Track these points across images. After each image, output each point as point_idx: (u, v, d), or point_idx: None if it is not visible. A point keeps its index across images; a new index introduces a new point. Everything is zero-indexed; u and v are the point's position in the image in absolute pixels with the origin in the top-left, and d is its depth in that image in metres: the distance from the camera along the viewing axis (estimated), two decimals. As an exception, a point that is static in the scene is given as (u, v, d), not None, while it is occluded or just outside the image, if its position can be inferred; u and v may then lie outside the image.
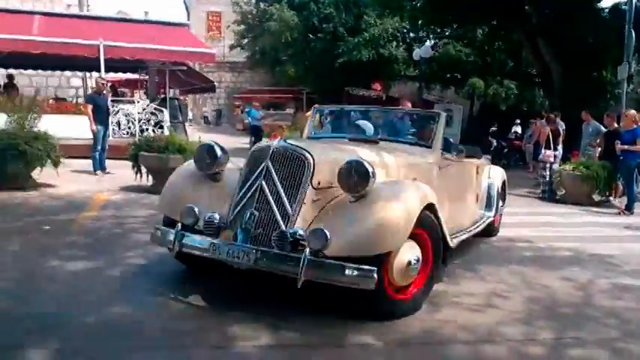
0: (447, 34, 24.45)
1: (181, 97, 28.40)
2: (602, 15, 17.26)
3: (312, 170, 3.67)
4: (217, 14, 34.37)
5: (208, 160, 4.17)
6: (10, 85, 15.08)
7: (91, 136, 10.13)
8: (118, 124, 13.02)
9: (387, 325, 3.60)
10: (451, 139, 7.07)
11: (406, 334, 3.52)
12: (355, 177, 3.57)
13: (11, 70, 16.27)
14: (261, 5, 26.96)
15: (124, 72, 18.94)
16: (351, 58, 23.57)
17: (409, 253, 3.68)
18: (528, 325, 3.79)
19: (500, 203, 6.63)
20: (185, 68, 16.79)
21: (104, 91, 11.01)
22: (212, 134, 19.51)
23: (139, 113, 13.29)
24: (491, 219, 6.22)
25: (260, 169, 3.77)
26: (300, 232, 3.47)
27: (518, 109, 24.11)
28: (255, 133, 17.92)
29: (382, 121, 5.82)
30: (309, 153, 3.74)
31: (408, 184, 4.01)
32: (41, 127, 8.33)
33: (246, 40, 28.94)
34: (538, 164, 11.56)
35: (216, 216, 3.75)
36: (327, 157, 3.84)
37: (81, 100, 17.14)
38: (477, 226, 5.69)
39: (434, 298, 4.18)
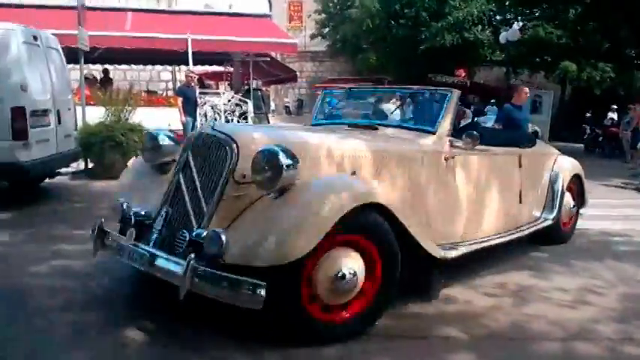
0: (536, 15, 23.25)
1: (264, 88, 29.02)
2: None
3: (234, 160, 3.11)
4: (298, 3, 34.68)
5: (152, 149, 3.78)
6: (106, 79, 16.00)
7: (181, 127, 10.58)
8: (205, 115, 13.49)
9: (472, 319, 3.53)
10: (492, 125, 6.61)
11: (492, 328, 3.44)
12: (267, 170, 2.96)
13: (107, 66, 17.26)
14: (342, -7, 26.96)
15: (210, 64, 19.58)
16: (434, 44, 23.00)
17: (341, 263, 3.02)
18: (624, 324, 3.59)
19: (571, 203, 5.65)
20: (268, 59, 17.11)
21: (192, 84, 11.45)
22: (293, 124, 19.82)
23: (224, 104, 13.70)
24: (549, 222, 5.21)
25: (181, 160, 3.37)
26: (204, 233, 2.94)
27: (614, 94, 22.60)
28: (336, 122, 17.97)
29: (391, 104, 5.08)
30: (233, 140, 3.17)
31: (342, 179, 3.31)
32: (135, 119, 8.81)
33: (327, 29, 29.03)
34: (637, 153, 10.79)
35: (142, 212, 3.36)
36: (257, 145, 3.12)
37: (170, 93, 17.92)
38: (519, 232, 4.81)
39: (521, 292, 4.05)
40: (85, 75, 11.02)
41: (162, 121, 11.47)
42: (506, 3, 20.28)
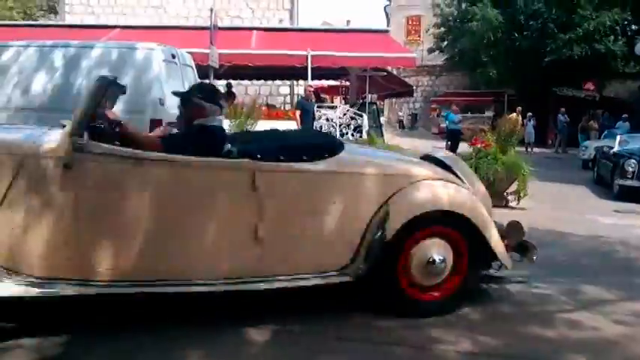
0: (677, 23, 21.37)
1: (378, 102, 29.16)
2: None
3: None
4: (417, 18, 34.54)
5: None
6: (229, 93, 16.93)
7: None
8: (320, 128, 13.83)
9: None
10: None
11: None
12: None
13: (230, 80, 18.27)
14: (463, 5, 26.41)
15: (327, 79, 20.06)
16: (560, 56, 21.88)
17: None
18: None
19: (438, 257, 3.55)
20: (385, 73, 17.20)
21: (311, 98, 11.81)
22: (406, 138, 19.73)
23: (339, 118, 13.96)
24: (344, 278, 3.41)
25: None
26: None
27: None
28: (453, 137, 17.61)
29: None
30: None
31: None
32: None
33: (445, 43, 28.62)
34: None
35: None
36: None
37: (288, 107, 18.57)
38: (267, 281, 3.33)
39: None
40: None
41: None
42: (644, 11, 18.80)
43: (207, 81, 9.02)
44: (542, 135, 23.41)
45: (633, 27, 22.64)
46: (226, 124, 9.38)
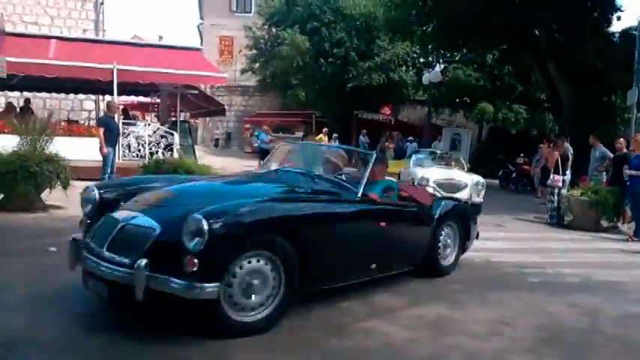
0: (456, 58, 24.61)
1: (191, 120, 28.68)
2: (612, 40, 17.30)
3: None
4: (230, 39, 34.79)
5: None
6: (26, 108, 15.34)
7: (101, 158, 10.24)
8: (129, 146, 13.16)
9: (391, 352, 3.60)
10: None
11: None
12: None
13: (26, 93, 16.57)
14: (273, 30, 27.33)
15: (137, 95, 19.21)
16: (361, 82, 23.76)
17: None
18: (535, 354, 3.76)
19: None
20: (197, 92, 17.00)
21: (115, 114, 11.16)
22: (221, 157, 19.71)
23: (149, 136, 13.44)
24: None
25: None
26: None
27: (527, 134, 24.09)
28: (264, 156, 18.03)
29: None
30: None
31: None
32: (53, 149, 8.44)
33: (257, 65, 29.29)
34: (546, 189, 11.49)
35: None
36: None
37: (93, 123, 17.38)
38: None
39: (438, 324, 4.16)
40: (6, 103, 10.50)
41: (82, 151, 11.15)
42: (429, 46, 21.31)
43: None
44: (347, 154, 25.08)
45: (421, 60, 25.52)
46: (15, 141, 8.48)
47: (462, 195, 10.54)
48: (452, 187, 11.06)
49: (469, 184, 11.63)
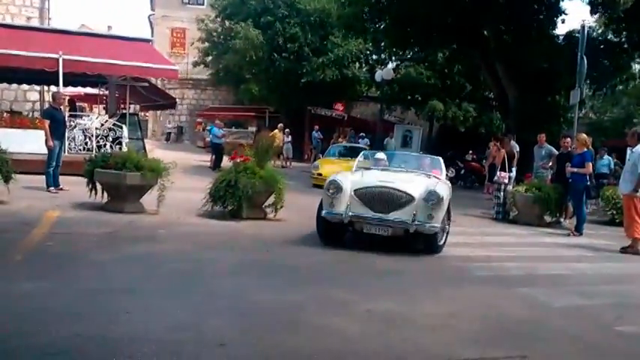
0: (408, 56, 24.94)
1: (142, 113, 28.04)
2: (557, 42, 17.92)
3: None
4: (181, 31, 34.15)
5: None
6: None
7: (46, 151, 9.86)
8: (74, 139, 12.72)
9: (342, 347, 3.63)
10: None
11: (363, 356, 3.55)
12: None
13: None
14: (227, 23, 26.96)
15: (84, 86, 18.60)
16: (314, 78, 23.79)
17: None
18: (481, 345, 3.86)
19: None
20: (147, 84, 16.60)
21: (61, 106, 10.77)
22: (172, 151, 19.34)
23: (96, 129, 13.03)
24: None
25: None
26: None
27: (476, 132, 24.71)
28: (216, 150, 17.85)
29: None
30: None
31: None
32: (-6, 142, 8.09)
33: (209, 58, 28.87)
34: (493, 185, 11.82)
35: None
36: None
37: (37, 115, 16.73)
38: None
39: (389, 318, 4.22)
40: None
41: (25, 143, 10.73)
42: (382, 44, 21.53)
43: None
44: (300, 150, 25.14)
45: (374, 57, 25.75)
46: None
47: (401, 215, 6.53)
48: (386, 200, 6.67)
49: (416, 197, 6.64)
